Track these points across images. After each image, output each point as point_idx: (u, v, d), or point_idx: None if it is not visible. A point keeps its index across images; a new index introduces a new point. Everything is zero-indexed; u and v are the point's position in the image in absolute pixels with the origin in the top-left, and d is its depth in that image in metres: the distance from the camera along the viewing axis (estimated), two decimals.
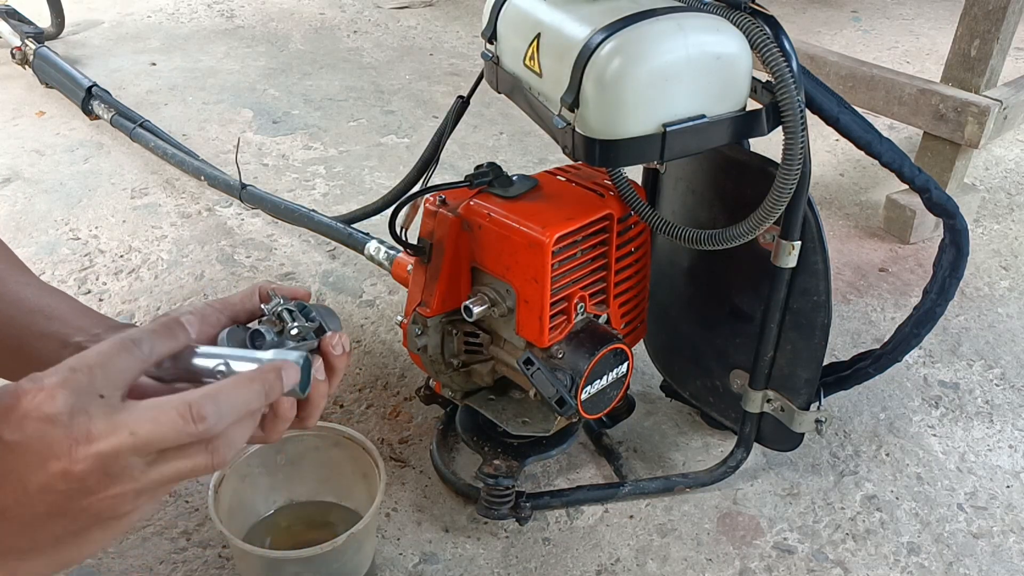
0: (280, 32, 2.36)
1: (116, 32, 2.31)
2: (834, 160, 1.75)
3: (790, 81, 0.72)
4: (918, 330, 0.91)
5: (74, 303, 0.66)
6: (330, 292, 1.30)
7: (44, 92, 1.89)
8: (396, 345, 1.20)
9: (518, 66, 0.82)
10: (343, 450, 0.86)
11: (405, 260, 1.08)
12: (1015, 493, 1.00)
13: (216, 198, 1.52)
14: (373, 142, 1.77)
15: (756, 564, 0.90)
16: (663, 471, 1.01)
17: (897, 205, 1.47)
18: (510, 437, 0.94)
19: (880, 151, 0.83)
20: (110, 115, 1.64)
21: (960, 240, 0.87)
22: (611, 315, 0.90)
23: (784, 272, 0.85)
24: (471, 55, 2.24)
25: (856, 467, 1.02)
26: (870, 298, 1.33)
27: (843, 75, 1.48)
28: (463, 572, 0.89)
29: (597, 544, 0.92)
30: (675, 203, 0.98)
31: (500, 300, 0.84)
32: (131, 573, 0.87)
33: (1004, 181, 1.69)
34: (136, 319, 1.23)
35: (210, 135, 1.77)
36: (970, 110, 1.34)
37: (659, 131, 0.72)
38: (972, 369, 1.19)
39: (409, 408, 1.09)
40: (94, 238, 1.41)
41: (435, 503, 0.96)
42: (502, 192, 0.85)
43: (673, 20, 0.71)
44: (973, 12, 1.34)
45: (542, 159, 1.71)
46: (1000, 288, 1.37)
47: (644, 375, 1.14)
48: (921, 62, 2.24)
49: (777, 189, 0.75)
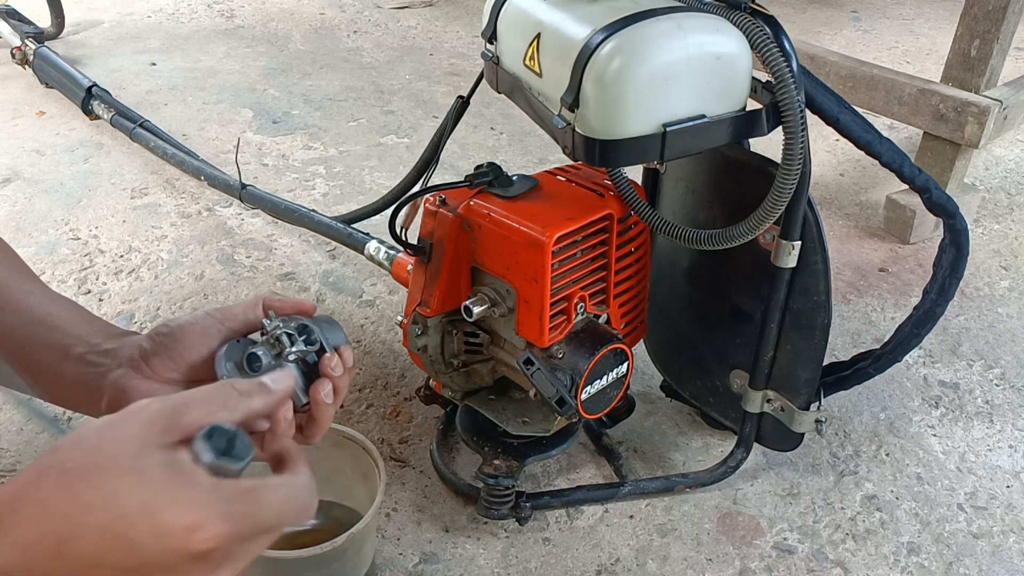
0: (280, 32, 2.36)
1: (116, 32, 2.31)
2: (834, 160, 1.75)
3: (790, 81, 0.72)
4: (918, 330, 0.91)
5: (76, 310, 0.66)
6: (330, 292, 1.31)
7: (44, 92, 1.89)
8: (396, 345, 1.20)
9: (518, 66, 0.82)
10: (343, 450, 0.86)
11: (405, 260, 1.08)
12: (1015, 493, 1.00)
13: (216, 198, 1.52)
14: (373, 142, 1.77)
15: (756, 564, 0.90)
16: (663, 471, 1.01)
17: (897, 205, 1.47)
18: (510, 437, 0.94)
19: (880, 151, 0.83)
20: (110, 115, 1.64)
21: (960, 240, 0.87)
22: (611, 315, 0.90)
23: (784, 272, 0.85)
24: (471, 55, 2.24)
25: (856, 467, 1.02)
26: (870, 298, 1.33)
27: (843, 75, 1.48)
28: (463, 572, 0.89)
29: (597, 544, 0.92)
30: (675, 203, 0.98)
31: (500, 300, 0.84)
32: None
33: (1004, 181, 1.69)
34: (136, 319, 1.23)
35: (210, 135, 1.77)
36: (970, 110, 1.34)
37: (659, 131, 0.72)
38: (972, 369, 1.19)
39: (409, 408, 1.09)
40: (94, 238, 1.41)
41: (435, 503, 0.96)
42: (502, 192, 0.84)
43: (673, 20, 0.71)
44: (973, 12, 1.34)
45: (542, 159, 1.71)
46: (1000, 288, 1.37)
47: (644, 375, 1.14)
48: (921, 62, 2.24)
49: (777, 189, 0.75)
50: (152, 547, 0.41)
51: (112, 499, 0.41)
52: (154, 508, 0.41)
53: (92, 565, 0.41)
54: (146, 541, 0.41)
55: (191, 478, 0.43)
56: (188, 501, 0.42)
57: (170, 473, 0.43)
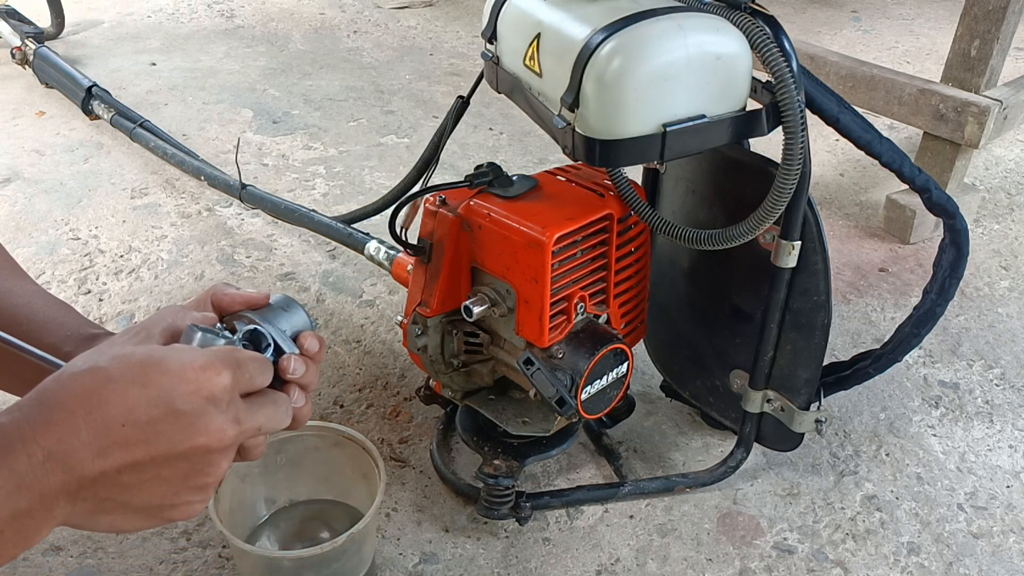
0: (280, 32, 2.36)
1: (116, 32, 2.31)
2: (834, 160, 1.75)
3: (790, 81, 0.72)
4: (918, 330, 0.91)
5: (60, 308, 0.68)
6: (330, 292, 1.31)
7: (44, 92, 1.89)
8: (396, 345, 1.20)
9: (518, 66, 0.82)
10: (343, 450, 0.86)
11: (405, 260, 1.08)
12: (1015, 493, 1.00)
13: (216, 198, 1.52)
14: (373, 142, 1.77)
15: (756, 564, 0.90)
16: (663, 471, 1.01)
17: (897, 205, 1.47)
18: (510, 437, 0.94)
19: (880, 151, 0.83)
20: (110, 115, 1.64)
21: (960, 240, 0.87)
22: (611, 315, 0.90)
23: (784, 272, 0.85)
24: (471, 55, 2.24)
25: (856, 467, 1.02)
26: (870, 298, 1.33)
27: (843, 75, 1.48)
28: (463, 572, 0.89)
29: (597, 544, 0.92)
30: (675, 203, 0.98)
31: (500, 300, 0.84)
32: (131, 573, 0.87)
33: (1004, 181, 1.69)
34: (136, 319, 1.23)
35: (210, 135, 1.77)
36: (970, 110, 1.34)
37: (659, 131, 0.72)
38: (972, 369, 1.19)
39: (409, 408, 1.09)
40: (94, 238, 1.41)
41: (435, 503, 0.96)
42: (502, 192, 0.84)
43: (673, 20, 0.71)
44: (973, 12, 1.34)
45: (542, 159, 1.71)
46: (1000, 288, 1.37)
47: (644, 375, 1.14)
48: (921, 62, 2.24)
49: (777, 189, 0.75)
50: (174, 394, 0.50)
51: (130, 363, 0.50)
52: (167, 365, 0.50)
53: (119, 424, 0.48)
54: (167, 391, 0.50)
55: (192, 348, 0.54)
56: (197, 352, 0.52)
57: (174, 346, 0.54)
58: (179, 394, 0.50)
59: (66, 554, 0.88)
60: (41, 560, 0.87)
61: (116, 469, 0.49)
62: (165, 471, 0.50)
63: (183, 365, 0.50)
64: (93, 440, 0.48)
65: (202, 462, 0.51)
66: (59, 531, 0.90)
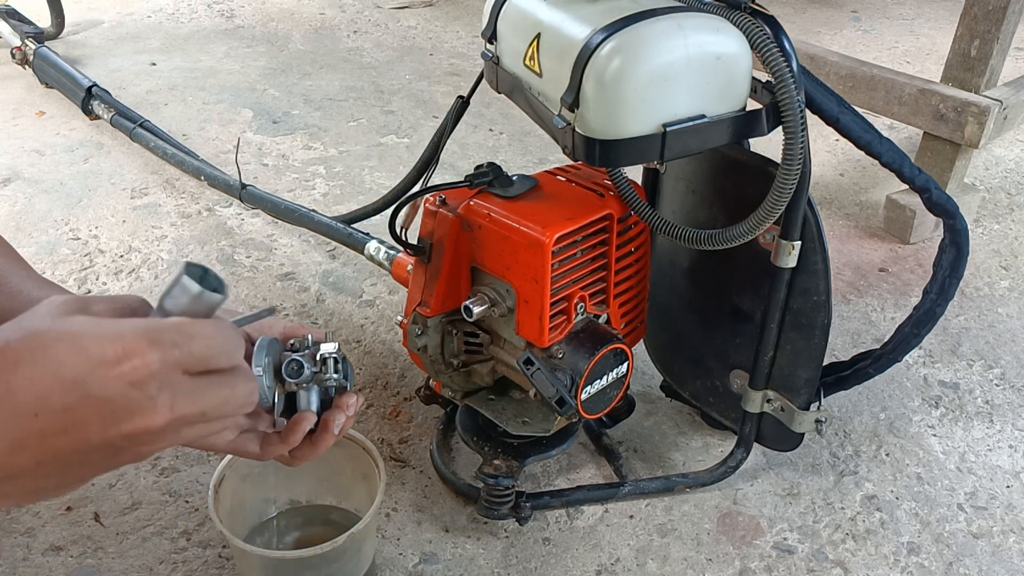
0: (280, 32, 2.36)
1: (116, 32, 2.31)
2: (834, 160, 1.75)
3: (790, 81, 0.72)
4: (918, 330, 0.91)
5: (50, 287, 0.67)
6: (330, 292, 1.31)
7: (44, 92, 1.89)
8: (396, 345, 1.20)
9: (518, 66, 0.82)
10: (343, 450, 0.86)
11: (405, 260, 1.08)
12: (1015, 493, 1.00)
13: (216, 198, 1.52)
14: (373, 142, 1.77)
15: (756, 564, 0.90)
16: (663, 471, 1.01)
17: (897, 205, 1.47)
18: (510, 437, 0.94)
19: (880, 151, 0.83)
20: (110, 115, 1.64)
21: (960, 240, 0.87)
22: (611, 315, 0.90)
23: (784, 272, 0.85)
24: (471, 55, 2.24)
25: (856, 467, 1.02)
26: (870, 298, 1.33)
27: (843, 75, 1.48)
28: (463, 572, 0.89)
29: (597, 544, 0.92)
30: (675, 203, 0.98)
31: (500, 300, 0.84)
32: (131, 573, 0.87)
33: (1004, 181, 1.69)
34: None
35: (210, 135, 1.77)
36: (970, 110, 1.34)
37: (659, 131, 0.72)
38: (972, 369, 1.19)
39: (409, 408, 1.09)
40: (94, 238, 1.41)
41: (435, 503, 0.96)
42: (502, 192, 0.84)
43: (673, 20, 0.71)
44: (973, 12, 1.34)
45: (542, 159, 1.71)
46: (1000, 288, 1.37)
47: (644, 375, 1.14)
48: (921, 62, 2.24)
49: (777, 189, 0.75)
50: (90, 379, 0.43)
51: (42, 342, 0.44)
52: (83, 343, 0.44)
53: (31, 414, 0.43)
54: (83, 375, 0.43)
55: (118, 321, 0.47)
56: (115, 333, 0.45)
57: (98, 320, 0.47)
58: (96, 378, 0.44)
59: (66, 554, 0.88)
60: (41, 560, 0.87)
61: (35, 463, 0.44)
62: (92, 457, 0.46)
63: (102, 343, 0.44)
64: (3, 434, 0.43)
65: (131, 451, 0.46)
66: (59, 531, 0.90)
